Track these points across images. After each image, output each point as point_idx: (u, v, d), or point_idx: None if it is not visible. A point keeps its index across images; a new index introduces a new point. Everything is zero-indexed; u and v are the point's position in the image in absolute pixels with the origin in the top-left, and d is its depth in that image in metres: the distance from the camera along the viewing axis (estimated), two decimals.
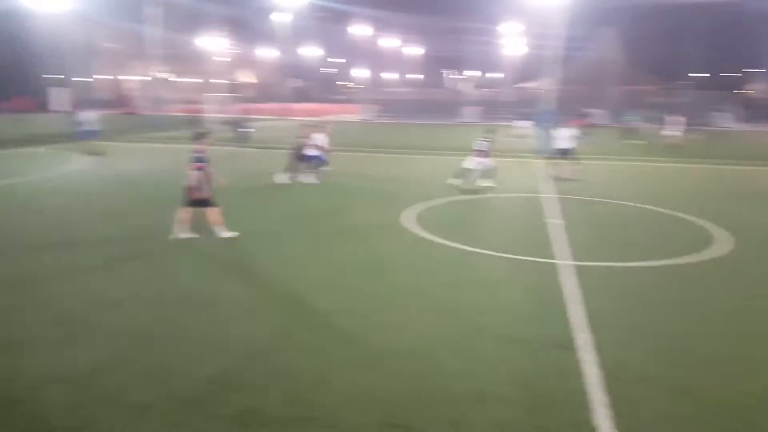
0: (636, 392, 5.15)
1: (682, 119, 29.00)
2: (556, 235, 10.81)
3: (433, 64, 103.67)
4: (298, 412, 4.78)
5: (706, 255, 9.60)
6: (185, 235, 9.87)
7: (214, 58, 61.89)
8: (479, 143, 15.92)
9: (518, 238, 10.79)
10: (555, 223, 11.79)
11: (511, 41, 64.73)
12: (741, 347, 6.14)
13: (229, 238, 9.88)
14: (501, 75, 77.69)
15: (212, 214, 9.91)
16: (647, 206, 13.73)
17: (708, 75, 72.83)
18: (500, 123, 44.64)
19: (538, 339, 6.23)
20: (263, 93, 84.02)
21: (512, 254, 9.46)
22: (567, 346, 6.05)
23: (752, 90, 78.53)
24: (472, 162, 15.68)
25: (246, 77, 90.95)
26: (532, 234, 11.01)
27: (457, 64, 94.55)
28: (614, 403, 4.91)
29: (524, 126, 32.10)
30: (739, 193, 16.25)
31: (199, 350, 5.89)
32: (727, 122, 49.37)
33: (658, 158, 24.41)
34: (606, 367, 5.55)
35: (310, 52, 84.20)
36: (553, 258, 9.29)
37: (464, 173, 15.67)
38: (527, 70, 66.98)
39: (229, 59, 76.63)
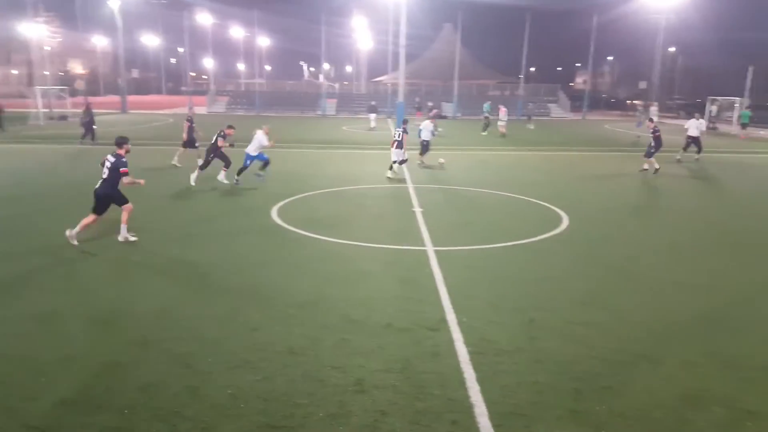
0: (500, 365, 5.51)
1: (504, 110, 32.01)
2: (421, 223, 11.20)
3: (290, 56, 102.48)
4: (168, 428, 4.46)
5: (548, 233, 10.54)
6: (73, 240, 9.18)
7: (39, 47, 55.29)
8: (397, 133, 16.80)
9: (386, 227, 11.01)
10: (419, 211, 12.23)
11: (363, 37, 65.81)
12: (586, 314, 6.82)
13: (72, 243, 9.05)
14: (356, 69, 78.81)
15: (92, 218, 9.33)
16: (496, 192, 14.77)
17: (545, 69, 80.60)
18: (357, 116, 45.54)
19: (410, 325, 6.41)
20: (98, 85, 77.32)
21: (381, 244, 9.66)
22: (438, 328, 6.31)
23: (577, 82, 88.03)
24: (399, 153, 16.44)
25: (77, 68, 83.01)
26: (399, 223, 11.32)
27: (314, 57, 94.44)
28: (481, 378, 5.21)
29: (377, 118, 32.97)
30: (567, 175, 18.08)
31: (51, 370, 5.28)
32: (558, 112, 54.73)
33: (499, 147, 26.39)
34: (473, 345, 5.87)
35: (151, 41, 78.87)
36: (419, 245, 9.62)
37: (401, 165, 16.47)
38: (380, 65, 68.70)
39: (55, 48, 69.14)
